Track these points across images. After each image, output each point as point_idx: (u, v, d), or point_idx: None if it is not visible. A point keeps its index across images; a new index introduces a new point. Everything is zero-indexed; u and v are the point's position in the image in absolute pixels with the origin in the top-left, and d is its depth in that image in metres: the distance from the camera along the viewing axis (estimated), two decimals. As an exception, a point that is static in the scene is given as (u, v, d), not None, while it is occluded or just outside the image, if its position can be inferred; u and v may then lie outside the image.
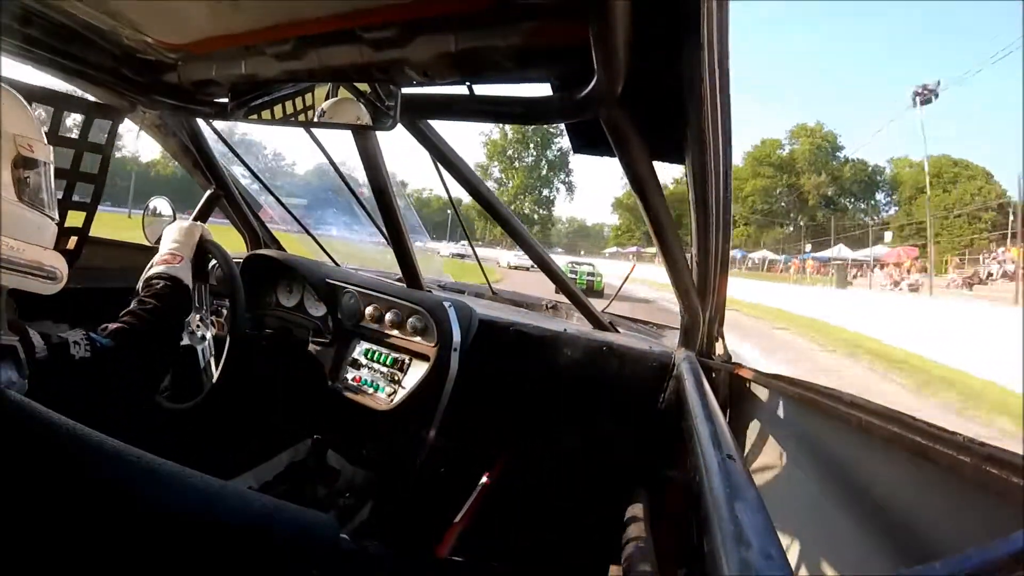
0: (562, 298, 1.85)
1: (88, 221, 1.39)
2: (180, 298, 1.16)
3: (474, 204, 1.32)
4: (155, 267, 1.19)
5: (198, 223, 1.34)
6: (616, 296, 1.98)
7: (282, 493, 1.47)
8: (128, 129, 1.51)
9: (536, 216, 63.30)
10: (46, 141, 0.86)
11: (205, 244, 1.31)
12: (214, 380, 1.35)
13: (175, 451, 0.52)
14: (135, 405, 1.18)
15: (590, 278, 16.07)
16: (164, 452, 0.47)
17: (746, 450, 1.24)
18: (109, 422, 0.95)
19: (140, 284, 1.17)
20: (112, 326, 1.00)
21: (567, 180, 64.77)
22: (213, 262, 1.37)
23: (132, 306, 1.08)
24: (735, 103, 0.73)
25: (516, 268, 22.60)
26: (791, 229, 48.14)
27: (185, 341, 1.43)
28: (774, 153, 50.10)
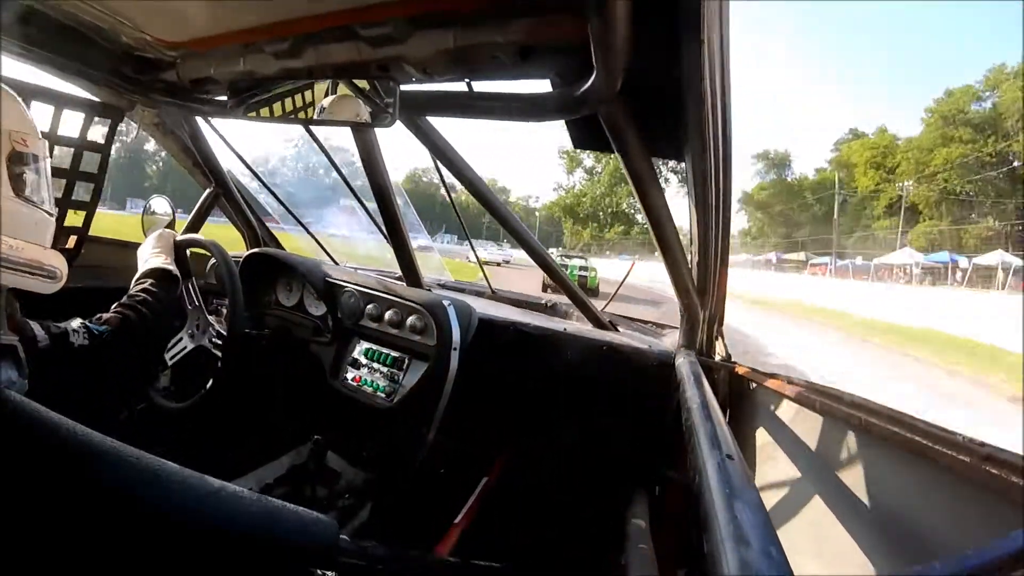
0: (562, 297, 1.85)
1: (88, 220, 1.40)
2: (169, 288, 1.20)
3: (565, 203, 1.31)
4: (142, 267, 1.23)
5: (168, 230, 1.39)
6: (615, 295, 1.98)
7: (282, 495, 1.47)
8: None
9: (640, 216, 49.24)
10: (40, 136, 0.86)
11: (190, 244, 1.35)
12: (213, 379, 1.35)
13: (176, 452, 0.52)
14: (132, 391, 1.20)
15: (582, 273, 14.82)
16: (165, 453, 0.47)
17: (746, 449, 1.24)
18: (108, 408, 0.97)
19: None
20: (106, 316, 1.03)
21: (681, 168, 52.43)
22: (212, 261, 1.37)
23: (123, 299, 1.11)
24: (735, 100, 0.73)
25: (487, 263, 21.60)
26: (994, 221, 31.72)
27: (188, 344, 1.43)
28: (968, 107, 34.41)
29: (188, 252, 1.41)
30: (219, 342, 1.41)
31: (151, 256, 1.25)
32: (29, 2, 0.97)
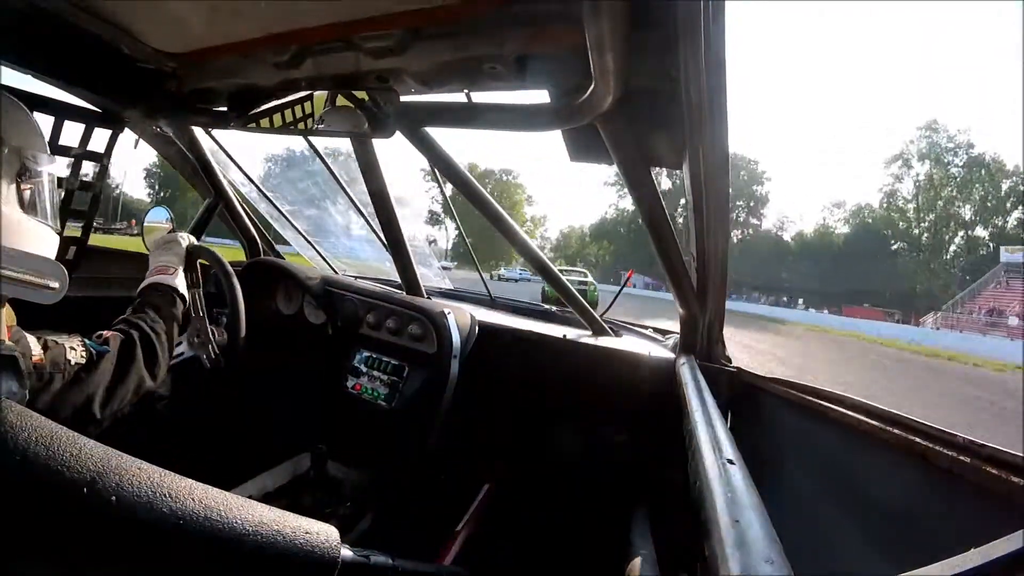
0: (562, 303, 1.85)
1: (87, 230, 1.40)
2: (174, 306, 1.17)
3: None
4: (150, 277, 1.19)
5: (184, 234, 1.34)
6: (613, 302, 1.99)
7: (283, 503, 1.46)
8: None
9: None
10: (50, 153, 0.86)
11: (196, 252, 1.31)
12: (213, 388, 1.34)
13: (176, 461, 0.52)
14: (130, 413, 1.17)
15: (582, 287, 15.25)
16: (165, 462, 0.47)
17: (747, 454, 1.24)
18: (104, 430, 0.94)
19: (138, 290, 1.17)
20: (107, 333, 1.00)
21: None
22: (212, 270, 1.37)
23: (127, 314, 1.08)
24: (732, 108, 0.74)
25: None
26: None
27: (186, 351, 1.42)
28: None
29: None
30: (218, 351, 1.41)
31: (161, 266, 1.21)
32: (30, 12, 0.97)
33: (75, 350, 0.89)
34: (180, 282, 1.21)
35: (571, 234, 67.04)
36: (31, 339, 0.83)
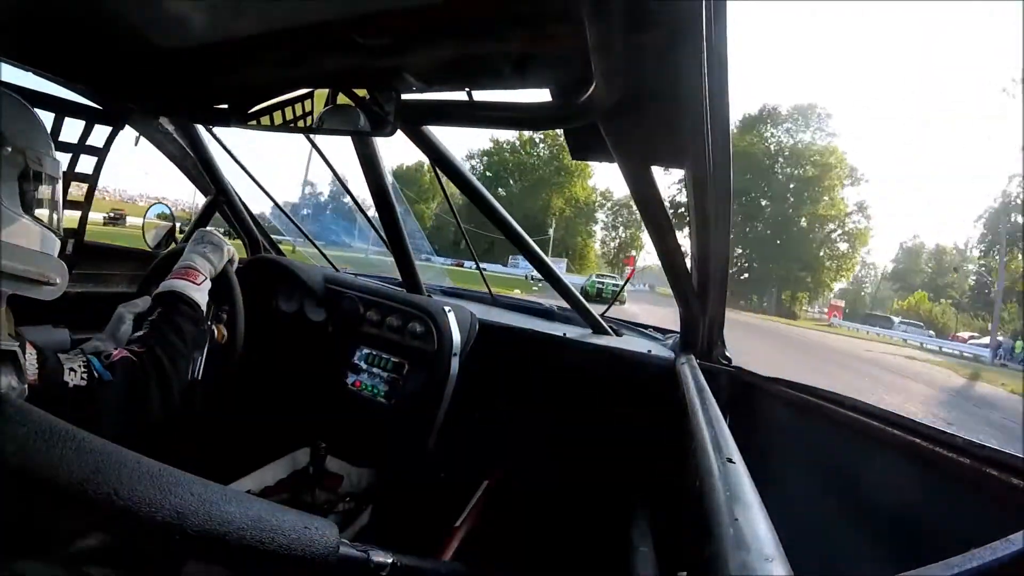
0: (563, 303, 1.85)
1: (83, 221, 1.39)
2: (198, 327, 1.05)
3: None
4: (175, 281, 1.06)
5: (232, 248, 1.23)
6: (614, 301, 1.99)
7: (282, 498, 1.47)
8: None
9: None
10: (55, 154, 0.85)
11: (228, 273, 1.24)
12: (213, 383, 1.34)
13: (175, 456, 0.52)
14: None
15: (615, 289, 20.16)
16: (164, 456, 0.47)
17: (747, 453, 1.24)
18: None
19: (155, 294, 1.06)
20: (117, 355, 0.90)
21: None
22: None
23: (145, 331, 0.98)
24: (734, 108, 0.74)
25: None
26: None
27: None
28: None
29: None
30: (224, 333, 1.40)
31: (190, 269, 1.09)
32: (30, 8, 0.97)
33: (75, 372, 0.80)
34: (204, 295, 1.09)
35: (916, 250, 48.79)
36: (30, 355, 0.76)
